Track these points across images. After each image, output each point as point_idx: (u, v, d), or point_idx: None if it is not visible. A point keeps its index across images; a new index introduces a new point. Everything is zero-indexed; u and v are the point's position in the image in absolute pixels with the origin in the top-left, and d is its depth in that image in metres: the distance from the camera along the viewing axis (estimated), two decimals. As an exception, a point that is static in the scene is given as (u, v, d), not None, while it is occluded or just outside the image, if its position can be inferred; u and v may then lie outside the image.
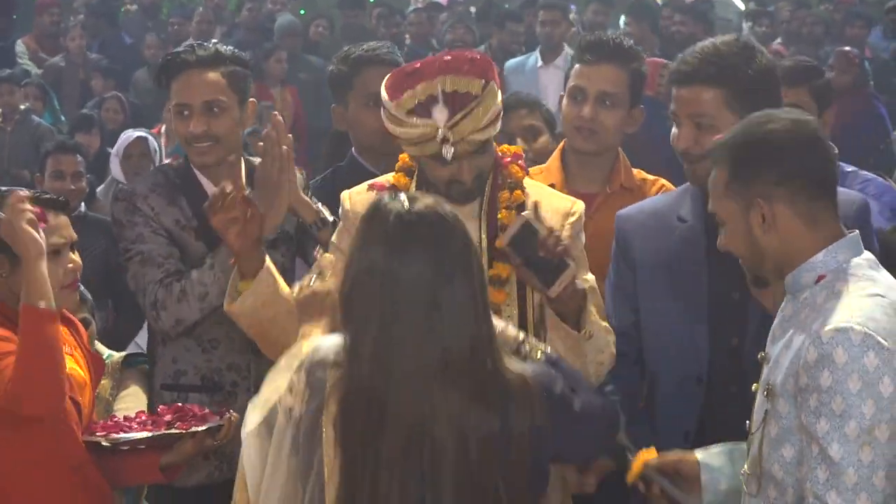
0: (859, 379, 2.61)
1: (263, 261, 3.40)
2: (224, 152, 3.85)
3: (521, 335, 3.03)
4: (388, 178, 3.54)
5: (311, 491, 2.76)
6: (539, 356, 2.96)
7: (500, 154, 3.52)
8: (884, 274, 2.81)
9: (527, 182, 3.52)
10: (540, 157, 4.49)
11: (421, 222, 2.71)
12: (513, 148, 3.61)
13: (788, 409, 2.73)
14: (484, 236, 3.41)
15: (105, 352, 4.53)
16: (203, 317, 3.77)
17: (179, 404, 3.65)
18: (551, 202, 3.50)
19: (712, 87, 3.35)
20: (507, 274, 3.37)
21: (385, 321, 2.68)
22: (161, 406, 3.69)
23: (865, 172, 4.49)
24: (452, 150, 3.29)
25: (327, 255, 3.40)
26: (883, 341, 2.63)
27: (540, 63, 9.34)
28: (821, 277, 2.77)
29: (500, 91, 3.39)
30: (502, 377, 2.70)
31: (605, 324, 3.40)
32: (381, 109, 3.41)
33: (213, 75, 3.83)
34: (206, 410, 3.59)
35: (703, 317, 3.37)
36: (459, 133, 3.29)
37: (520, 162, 3.53)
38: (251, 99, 3.94)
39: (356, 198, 3.51)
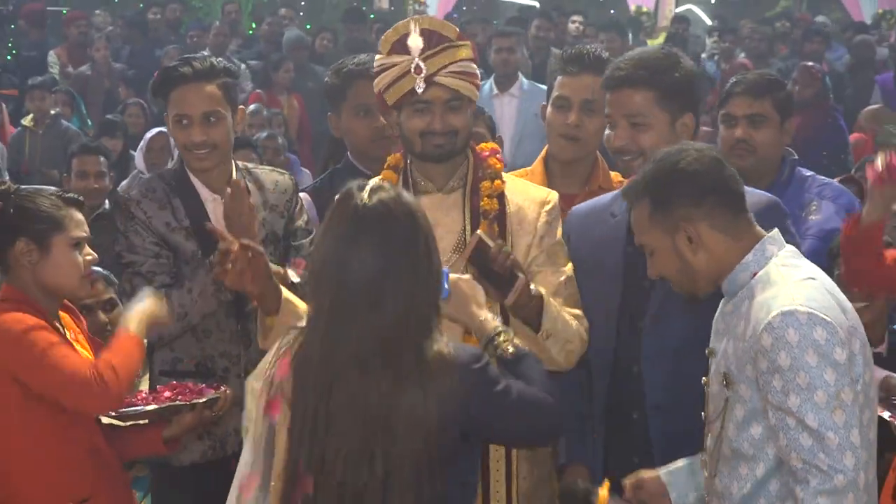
0: (814, 352, 2.67)
1: (281, 295, 3.29)
2: (220, 157, 3.85)
3: (500, 328, 2.95)
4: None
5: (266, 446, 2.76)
6: (510, 350, 2.89)
7: (478, 150, 3.53)
8: (805, 261, 2.89)
9: (504, 175, 3.52)
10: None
11: (371, 216, 2.66)
12: (489, 144, 3.64)
13: (751, 392, 2.77)
14: (468, 225, 3.41)
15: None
16: (184, 332, 3.78)
17: (175, 382, 3.64)
18: (528, 192, 3.52)
19: (643, 90, 3.38)
20: None
21: (333, 306, 2.66)
22: (159, 386, 3.66)
23: (822, 177, 4.44)
24: (424, 85, 3.31)
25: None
26: (825, 316, 2.69)
27: (495, 91, 8.08)
28: (754, 274, 2.82)
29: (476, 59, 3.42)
30: (425, 357, 2.64)
31: (578, 311, 3.38)
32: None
33: (209, 88, 3.80)
34: (202, 385, 3.58)
35: (616, 303, 3.36)
36: (433, 66, 3.32)
37: (497, 156, 3.54)
38: (240, 107, 3.94)
39: None
